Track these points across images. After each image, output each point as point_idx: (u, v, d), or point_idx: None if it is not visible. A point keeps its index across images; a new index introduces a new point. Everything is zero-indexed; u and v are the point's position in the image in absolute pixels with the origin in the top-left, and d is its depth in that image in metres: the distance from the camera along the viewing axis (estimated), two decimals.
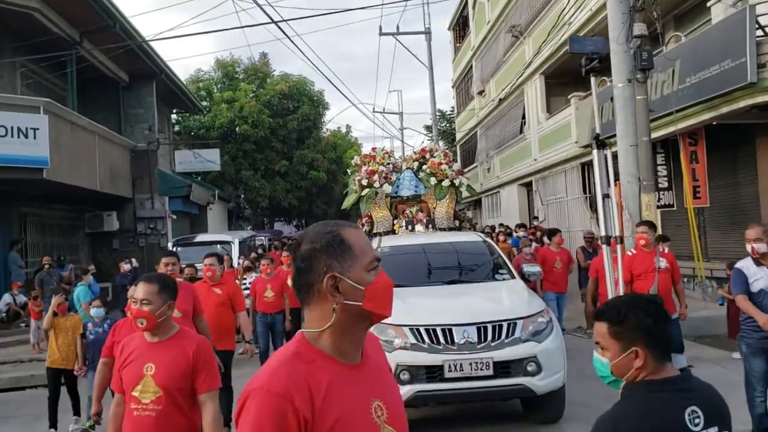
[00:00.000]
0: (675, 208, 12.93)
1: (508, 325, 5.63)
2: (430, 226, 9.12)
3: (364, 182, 9.19)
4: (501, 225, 18.13)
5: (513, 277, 6.99)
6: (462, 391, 5.52)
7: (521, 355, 5.50)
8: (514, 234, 15.26)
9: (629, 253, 6.79)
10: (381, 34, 26.35)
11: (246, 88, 29.78)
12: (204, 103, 28.92)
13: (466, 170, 29.40)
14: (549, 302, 8.82)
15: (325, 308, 1.54)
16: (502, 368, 5.47)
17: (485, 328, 5.57)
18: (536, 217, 17.77)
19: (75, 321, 7.48)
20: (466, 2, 28.85)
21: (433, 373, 5.47)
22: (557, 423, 6.05)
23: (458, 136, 33.01)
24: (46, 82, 16.26)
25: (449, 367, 5.41)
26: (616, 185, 12.49)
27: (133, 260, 14.63)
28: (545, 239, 11.60)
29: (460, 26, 31.59)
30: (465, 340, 5.48)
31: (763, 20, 9.64)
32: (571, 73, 19.42)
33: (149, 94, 19.93)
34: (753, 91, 9.69)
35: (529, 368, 5.49)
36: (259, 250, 16.82)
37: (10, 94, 13.51)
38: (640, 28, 9.56)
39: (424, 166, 9.57)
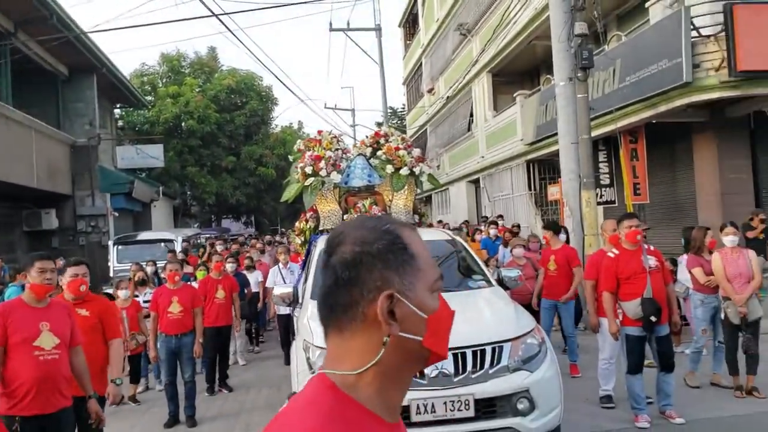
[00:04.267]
0: (617, 205, 13.19)
1: (493, 349, 4.47)
2: None
3: (309, 170, 7.87)
4: (465, 222, 17.50)
5: (491, 284, 5.78)
6: None
7: (510, 389, 4.37)
8: (485, 233, 13.56)
9: (611, 255, 5.85)
10: (331, 29, 26.20)
11: (192, 83, 29.16)
12: (149, 98, 28.25)
13: None
14: (543, 311, 8.00)
15: (371, 340, 1.09)
16: (486, 407, 4.33)
17: (464, 355, 4.39)
18: (501, 216, 16.98)
19: None
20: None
21: None
22: None
23: (409, 133, 33.07)
24: None
25: (417, 407, 4.21)
26: (557, 182, 12.71)
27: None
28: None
29: (410, 23, 31.65)
30: (438, 372, 4.30)
31: (697, 21, 9.87)
32: (517, 71, 19.76)
33: (89, 88, 19.36)
34: (688, 90, 9.94)
35: (519, 406, 4.36)
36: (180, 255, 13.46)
37: None
38: (580, 27, 9.71)
39: (379, 152, 8.27)
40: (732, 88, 9.77)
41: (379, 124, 33.15)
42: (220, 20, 11.34)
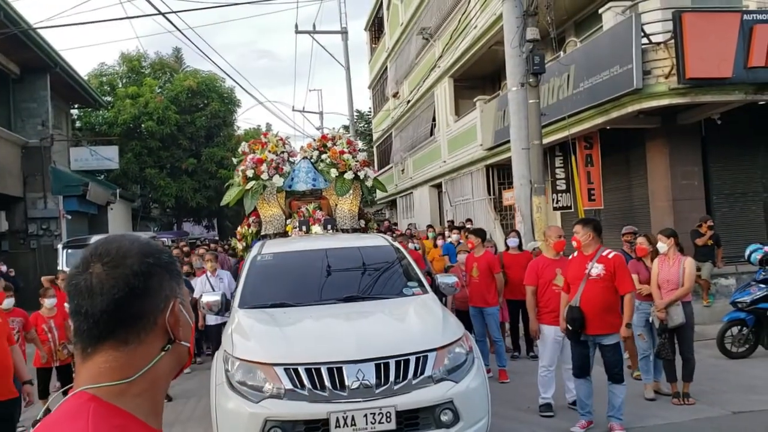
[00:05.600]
0: (573, 210, 13.20)
1: (417, 359, 4.39)
2: (329, 226, 7.58)
3: (250, 173, 7.64)
4: (430, 227, 17.19)
5: (425, 291, 5.68)
6: None
7: (433, 400, 4.30)
8: (447, 238, 13.42)
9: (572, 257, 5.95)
10: (297, 32, 25.91)
11: (151, 83, 28.55)
12: (108, 99, 27.61)
13: (382, 171, 29.46)
14: (472, 318, 8.03)
15: (153, 348, 1.10)
16: (408, 419, 4.26)
17: (386, 366, 4.31)
18: (469, 220, 16.80)
19: None
20: (381, 3, 28.85)
21: (316, 429, 4.16)
22: None
23: (375, 136, 33.01)
24: None
25: (337, 420, 4.09)
26: (510, 188, 12.69)
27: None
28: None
29: (376, 27, 31.58)
30: (359, 383, 4.21)
31: (648, 28, 9.91)
32: (479, 76, 19.77)
33: (42, 88, 18.82)
34: (639, 96, 9.98)
35: (443, 418, 4.30)
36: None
37: None
38: (532, 33, 9.67)
39: (324, 156, 8.10)
40: (681, 95, 9.82)
41: (346, 128, 33.02)
42: (166, 18, 11.08)
